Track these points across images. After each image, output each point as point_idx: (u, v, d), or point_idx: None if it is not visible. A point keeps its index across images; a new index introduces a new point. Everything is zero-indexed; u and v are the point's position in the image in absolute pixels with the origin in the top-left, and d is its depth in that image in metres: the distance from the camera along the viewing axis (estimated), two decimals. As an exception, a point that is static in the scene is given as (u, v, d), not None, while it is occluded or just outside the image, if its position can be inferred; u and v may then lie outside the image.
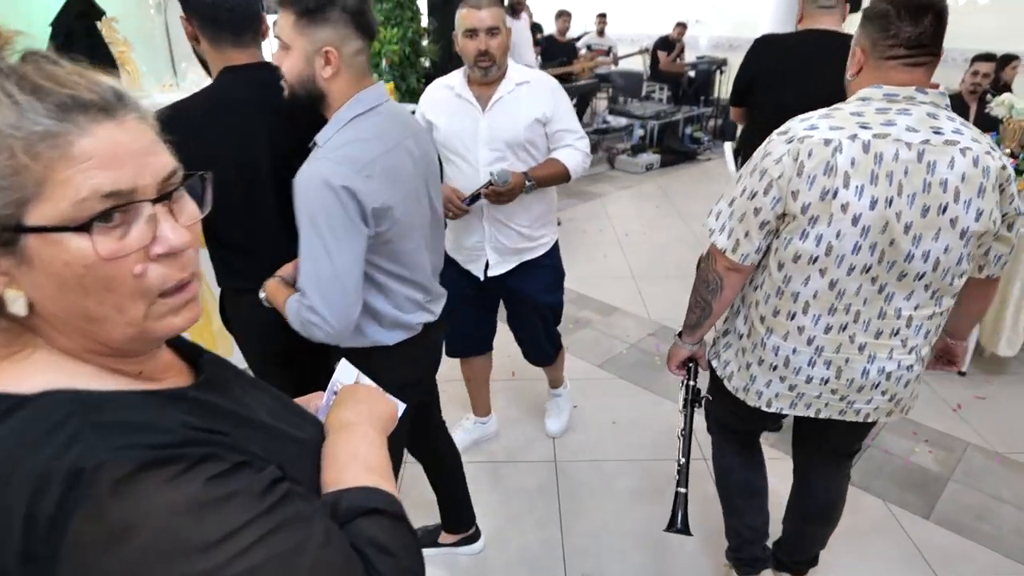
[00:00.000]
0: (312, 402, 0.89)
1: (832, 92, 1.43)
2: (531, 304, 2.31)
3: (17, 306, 0.54)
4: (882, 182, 1.24)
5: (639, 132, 7.17)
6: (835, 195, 1.25)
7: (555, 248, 2.28)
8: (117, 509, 0.48)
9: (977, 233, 1.27)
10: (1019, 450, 2.61)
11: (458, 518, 2.13)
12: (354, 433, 0.75)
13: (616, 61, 8.75)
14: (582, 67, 7.47)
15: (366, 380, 0.93)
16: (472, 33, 1.92)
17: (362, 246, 1.29)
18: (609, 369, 3.18)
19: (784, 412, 1.54)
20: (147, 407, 0.56)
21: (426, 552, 2.07)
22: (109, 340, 0.57)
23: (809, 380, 1.45)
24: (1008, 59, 5.43)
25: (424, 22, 4.48)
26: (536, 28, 8.81)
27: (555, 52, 7.42)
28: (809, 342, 1.41)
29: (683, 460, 1.58)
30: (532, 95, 2.01)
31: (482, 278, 2.22)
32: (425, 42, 4.53)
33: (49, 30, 4.79)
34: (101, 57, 4.90)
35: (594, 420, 2.82)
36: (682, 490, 1.55)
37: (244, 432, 0.62)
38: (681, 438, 1.61)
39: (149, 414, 0.55)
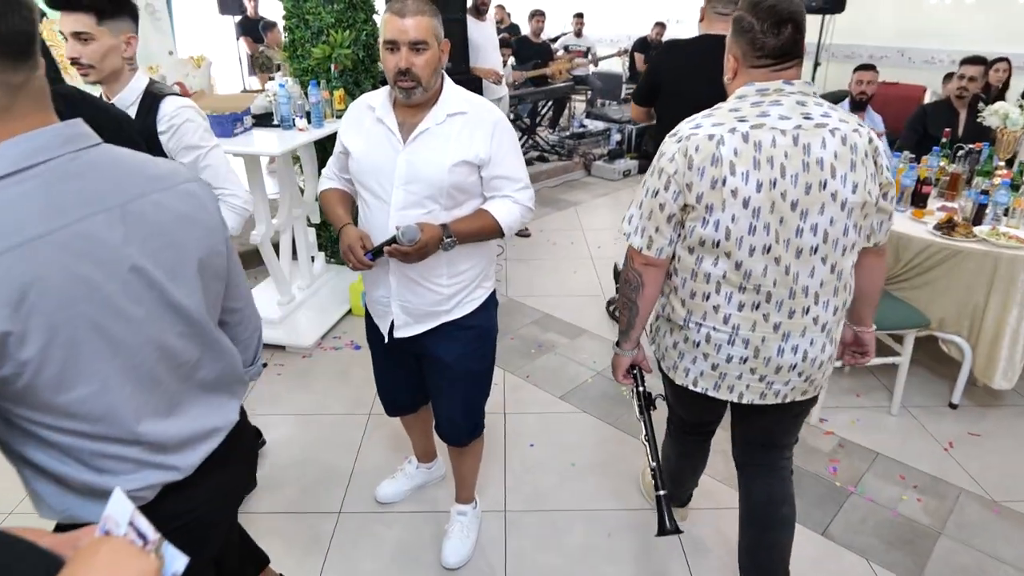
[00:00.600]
0: (82, 540, 0.72)
1: (722, 93, 1.55)
2: (447, 372, 1.87)
3: None
4: (764, 166, 1.39)
5: (616, 137, 6.92)
6: (724, 182, 1.40)
7: (488, 305, 1.85)
8: None
9: (857, 204, 1.42)
10: (1019, 498, 2.37)
11: None
12: None
13: (596, 63, 8.51)
14: (558, 69, 7.21)
15: (141, 522, 0.69)
16: (392, 46, 1.56)
17: None
18: (572, 401, 2.92)
19: (708, 393, 1.63)
20: None
21: None
22: None
23: (729, 359, 1.56)
24: (993, 62, 5.22)
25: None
26: (513, 29, 8.57)
27: (529, 53, 7.16)
28: (725, 320, 1.53)
29: (654, 464, 1.68)
30: (466, 130, 1.63)
31: (385, 338, 1.87)
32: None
33: None
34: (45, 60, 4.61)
35: (551, 462, 2.55)
36: (662, 493, 1.65)
37: None
38: (646, 443, 1.72)
39: None
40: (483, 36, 4.55)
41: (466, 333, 1.83)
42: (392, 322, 1.82)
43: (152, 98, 1.79)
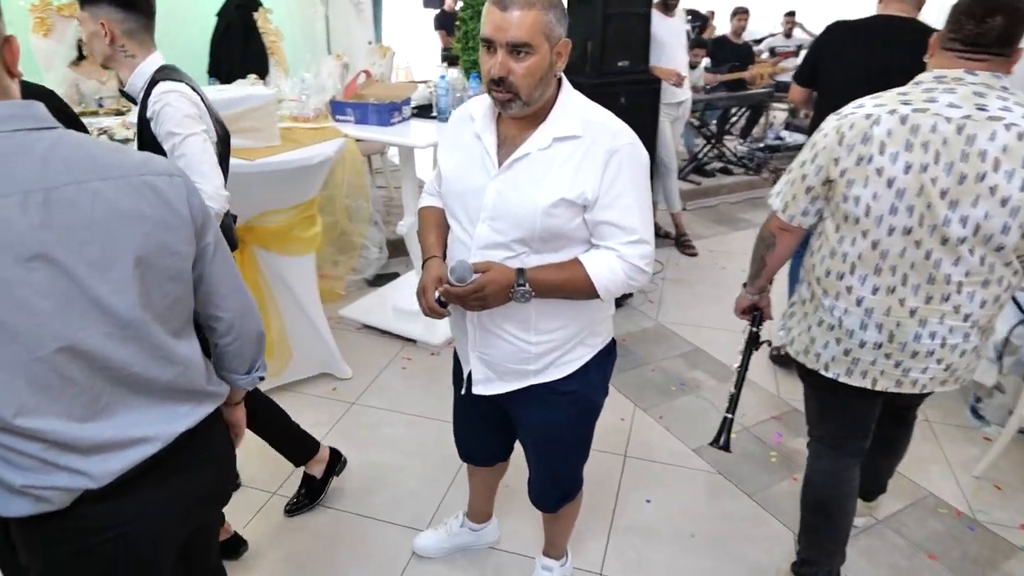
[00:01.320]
0: None
1: (891, 72, 1.62)
2: (536, 438, 1.62)
3: None
4: (917, 149, 1.37)
5: (819, 152, 6.12)
6: (870, 160, 1.41)
7: (591, 367, 1.51)
8: None
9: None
10: None
11: None
12: None
13: (806, 68, 7.64)
14: (758, 73, 6.55)
15: None
16: (488, 45, 1.26)
17: None
18: (707, 457, 2.51)
19: (840, 379, 1.62)
20: None
21: None
22: None
23: (863, 344, 1.55)
24: None
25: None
26: (697, 19, 7.87)
27: (726, 55, 6.56)
28: (858, 303, 1.53)
29: (734, 391, 1.84)
30: (574, 159, 1.29)
31: (462, 390, 1.61)
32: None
33: (215, 20, 4.98)
34: (254, 45, 5.02)
35: (667, 527, 2.19)
36: (729, 416, 1.82)
37: None
38: (736, 372, 1.86)
39: None
40: (670, 33, 4.17)
41: (560, 399, 1.52)
42: (470, 374, 1.55)
43: (151, 84, 1.69)
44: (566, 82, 1.37)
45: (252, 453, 2.48)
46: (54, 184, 0.88)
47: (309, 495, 2.27)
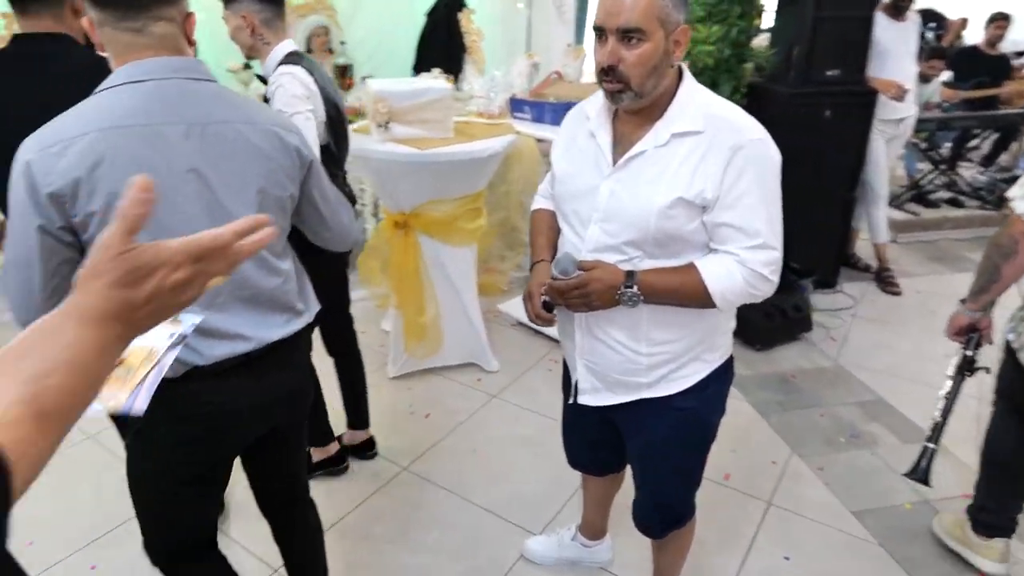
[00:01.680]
0: None
1: None
2: (643, 454, 1.51)
3: None
4: None
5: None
6: None
7: (709, 383, 1.38)
8: None
9: None
10: None
11: None
12: (57, 339, 0.52)
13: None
14: (1016, 91, 5.58)
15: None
16: (600, 33, 1.18)
17: (34, 237, 1.06)
18: (869, 523, 2.16)
19: None
20: None
21: None
22: None
23: None
24: None
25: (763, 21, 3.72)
26: (932, 18, 6.82)
27: (974, 68, 5.66)
28: None
29: (940, 419, 1.81)
30: (694, 156, 1.19)
31: (570, 399, 1.51)
32: (763, 43, 3.76)
33: (425, 19, 5.34)
34: (456, 44, 5.30)
35: (806, 595, 1.92)
36: (931, 445, 1.81)
37: None
38: (944, 400, 1.81)
39: None
40: (897, 40, 3.67)
41: (673, 415, 1.39)
42: (576, 384, 1.47)
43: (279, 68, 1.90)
44: (688, 74, 1.26)
45: (393, 427, 2.60)
46: (210, 120, 1.15)
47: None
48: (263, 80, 2.02)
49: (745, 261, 1.21)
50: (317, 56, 4.76)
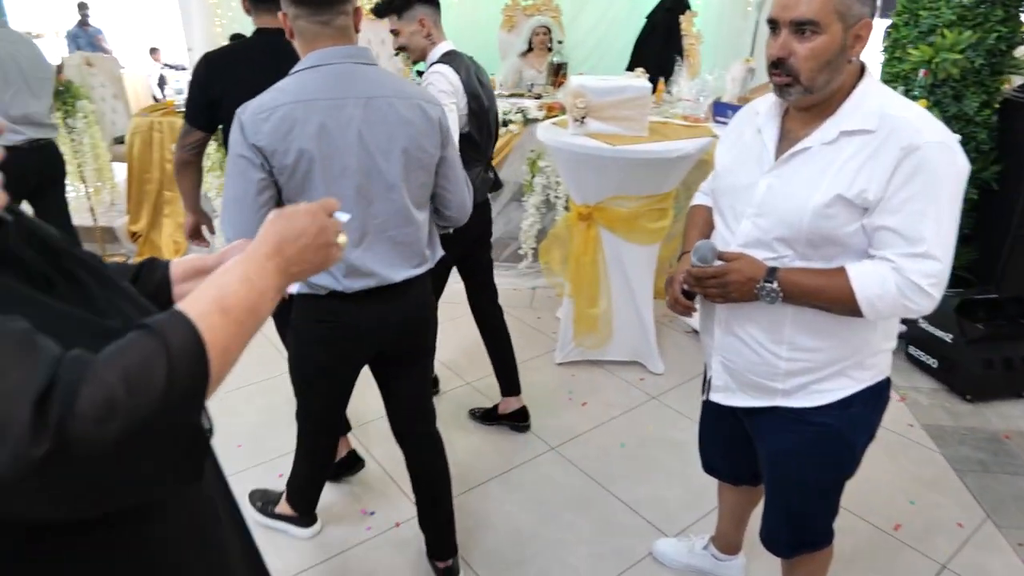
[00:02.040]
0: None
1: None
2: (773, 468, 1.43)
3: None
4: None
5: None
6: None
7: (854, 402, 1.29)
8: None
9: None
10: None
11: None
12: (248, 263, 0.72)
13: None
14: None
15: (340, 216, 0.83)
16: (773, 26, 1.15)
17: (248, 176, 1.40)
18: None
19: None
20: None
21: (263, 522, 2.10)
22: None
23: None
24: None
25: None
26: None
27: None
28: None
29: None
30: (861, 155, 1.12)
31: (702, 395, 1.47)
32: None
33: (644, 21, 5.37)
34: (672, 47, 5.24)
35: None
36: None
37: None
38: None
39: None
40: None
41: (808, 429, 1.32)
42: (711, 379, 1.43)
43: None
44: (869, 72, 1.17)
45: (549, 409, 2.71)
46: (372, 95, 1.46)
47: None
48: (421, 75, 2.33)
49: (901, 269, 1.12)
50: (536, 54, 5.02)
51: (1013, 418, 2.71)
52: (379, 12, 2.26)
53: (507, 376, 2.63)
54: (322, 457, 1.98)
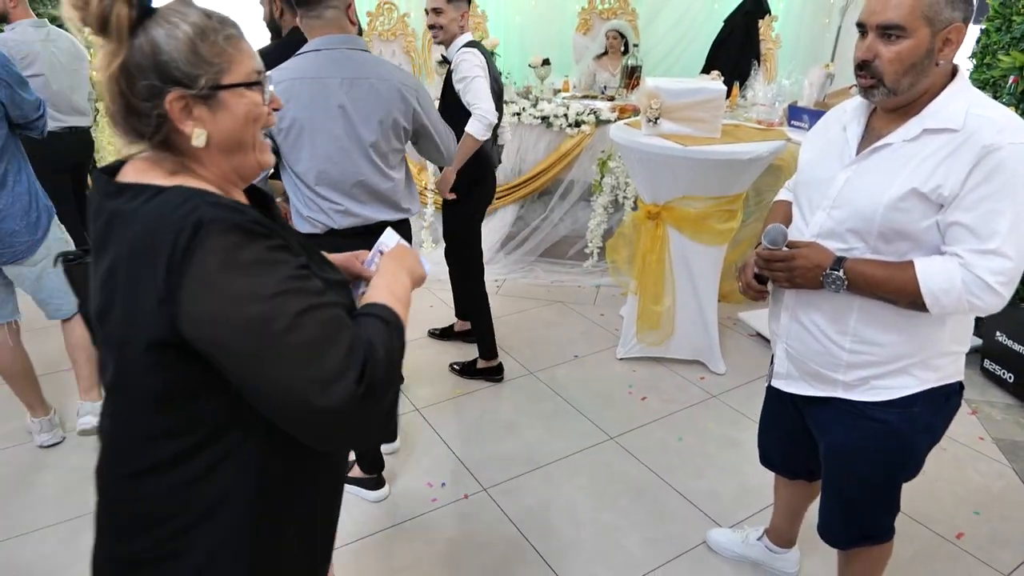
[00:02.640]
0: (358, 258, 1.12)
1: None
2: (830, 461, 1.47)
3: (199, 140, 0.84)
4: None
5: None
6: None
7: (917, 402, 1.31)
8: (223, 246, 0.76)
9: None
10: None
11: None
12: (393, 276, 1.01)
13: None
14: None
15: (405, 244, 1.12)
16: (862, 30, 1.21)
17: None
18: None
19: None
20: (238, 204, 0.84)
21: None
22: (242, 166, 0.90)
23: None
24: None
25: None
26: None
27: None
28: None
29: None
30: (941, 153, 1.15)
31: (766, 381, 1.52)
32: None
33: (721, 25, 5.36)
34: (748, 50, 5.20)
35: None
36: None
37: (289, 242, 0.86)
38: None
39: (239, 207, 0.82)
40: None
41: (866, 424, 1.35)
42: (774, 366, 1.49)
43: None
44: (962, 75, 1.19)
45: (610, 401, 2.78)
46: (357, 76, 1.84)
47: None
48: (447, 61, 2.74)
49: (969, 264, 1.14)
50: (610, 57, 5.09)
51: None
52: None
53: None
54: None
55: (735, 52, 5.10)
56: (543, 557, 2.03)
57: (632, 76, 4.73)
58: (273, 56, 2.32)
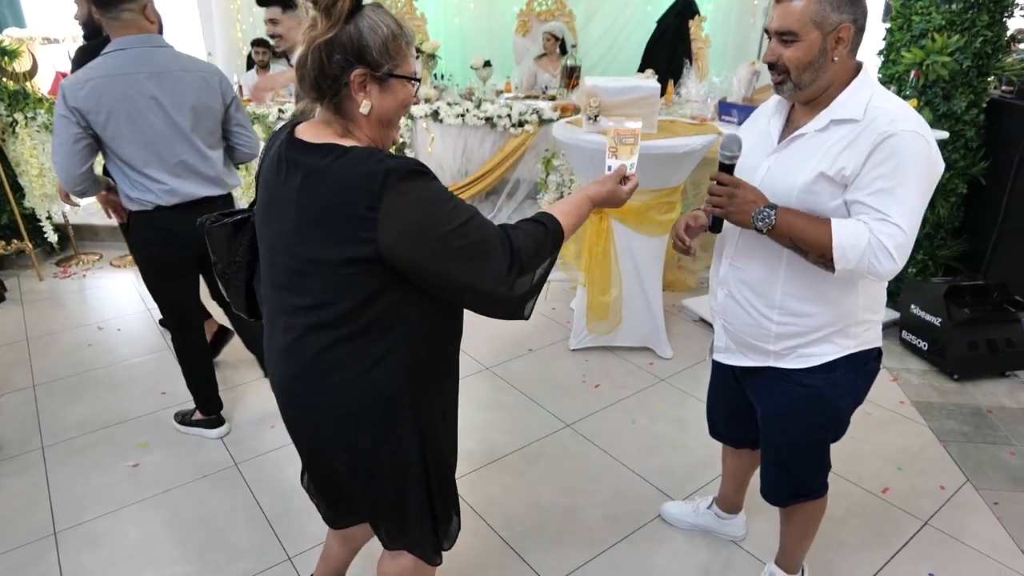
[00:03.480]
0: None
1: None
2: (764, 426, 1.63)
3: (365, 108, 1.12)
4: None
5: None
6: None
7: (838, 367, 1.48)
8: (407, 188, 1.05)
9: None
10: None
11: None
12: (576, 198, 1.36)
13: None
14: None
15: (630, 168, 1.44)
16: (768, 35, 1.38)
17: (68, 130, 2.06)
18: (1044, 571, 2.02)
19: None
20: (403, 156, 1.12)
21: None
22: (385, 137, 1.18)
23: None
24: None
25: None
26: None
27: None
28: None
29: None
30: (845, 140, 1.31)
31: (708, 356, 1.69)
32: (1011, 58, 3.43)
33: (655, 25, 5.57)
34: (680, 49, 5.44)
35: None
36: None
37: None
38: None
39: (405, 157, 1.11)
40: None
41: (794, 390, 1.52)
42: (714, 340, 1.65)
43: None
44: (865, 71, 1.37)
45: (565, 391, 2.90)
46: (163, 69, 2.15)
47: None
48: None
49: (873, 229, 1.29)
50: (548, 58, 5.24)
51: (996, 395, 2.91)
52: (263, 2, 2.79)
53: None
54: (196, 347, 2.59)
55: (668, 51, 5.33)
56: (507, 542, 2.14)
57: (572, 76, 4.89)
58: (84, 54, 2.53)
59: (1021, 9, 3.23)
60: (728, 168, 1.44)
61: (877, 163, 1.28)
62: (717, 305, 1.64)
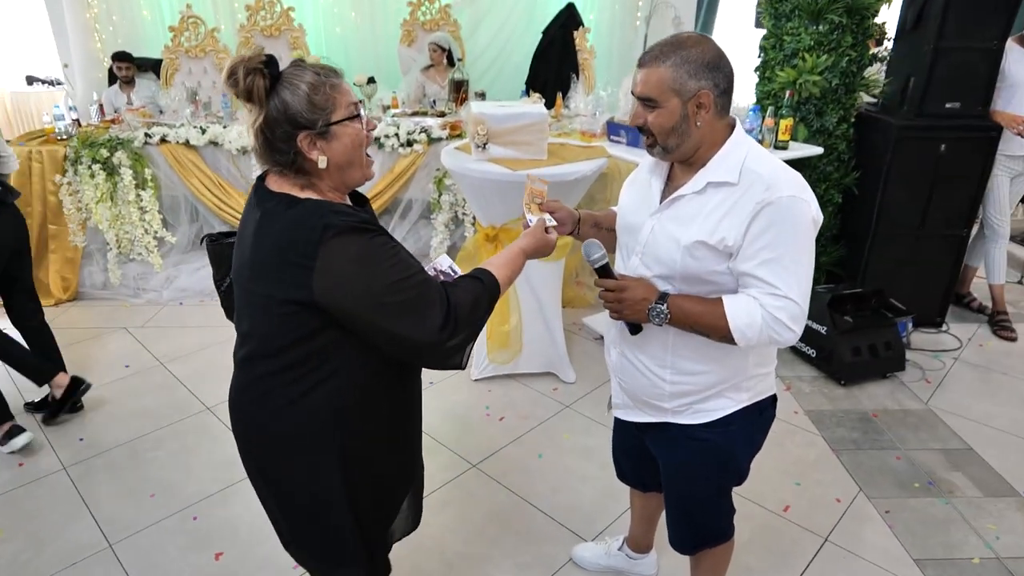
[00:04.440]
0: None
1: None
2: (668, 476, 1.61)
3: (323, 163, 1.18)
4: None
5: None
6: None
7: (734, 420, 1.46)
8: (344, 243, 1.11)
9: None
10: None
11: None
12: (510, 252, 1.41)
13: None
14: None
15: (549, 220, 1.52)
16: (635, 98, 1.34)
17: None
18: (930, 574, 2.11)
19: None
20: (349, 209, 1.21)
21: None
22: (351, 178, 1.24)
23: None
24: None
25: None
26: None
27: None
28: None
29: None
30: (724, 206, 1.27)
31: (607, 411, 1.66)
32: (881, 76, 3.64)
33: (540, 36, 5.54)
34: (568, 62, 5.45)
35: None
36: None
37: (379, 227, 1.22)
38: None
39: (350, 211, 1.19)
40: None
41: (693, 444, 1.49)
42: (611, 398, 1.61)
43: None
44: (738, 130, 1.34)
45: (468, 427, 2.79)
46: None
47: (51, 407, 2.89)
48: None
49: (766, 305, 1.27)
50: (436, 69, 5.09)
51: (878, 397, 3.07)
52: None
53: (48, 357, 2.97)
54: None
55: (555, 63, 5.31)
56: (417, 604, 2.01)
57: (459, 90, 4.78)
58: None
59: (880, 33, 3.44)
60: (603, 269, 1.41)
61: (757, 234, 1.25)
62: (612, 364, 1.58)
